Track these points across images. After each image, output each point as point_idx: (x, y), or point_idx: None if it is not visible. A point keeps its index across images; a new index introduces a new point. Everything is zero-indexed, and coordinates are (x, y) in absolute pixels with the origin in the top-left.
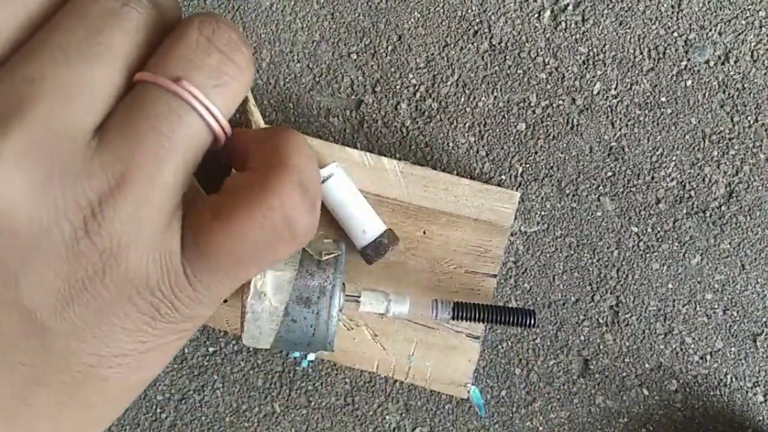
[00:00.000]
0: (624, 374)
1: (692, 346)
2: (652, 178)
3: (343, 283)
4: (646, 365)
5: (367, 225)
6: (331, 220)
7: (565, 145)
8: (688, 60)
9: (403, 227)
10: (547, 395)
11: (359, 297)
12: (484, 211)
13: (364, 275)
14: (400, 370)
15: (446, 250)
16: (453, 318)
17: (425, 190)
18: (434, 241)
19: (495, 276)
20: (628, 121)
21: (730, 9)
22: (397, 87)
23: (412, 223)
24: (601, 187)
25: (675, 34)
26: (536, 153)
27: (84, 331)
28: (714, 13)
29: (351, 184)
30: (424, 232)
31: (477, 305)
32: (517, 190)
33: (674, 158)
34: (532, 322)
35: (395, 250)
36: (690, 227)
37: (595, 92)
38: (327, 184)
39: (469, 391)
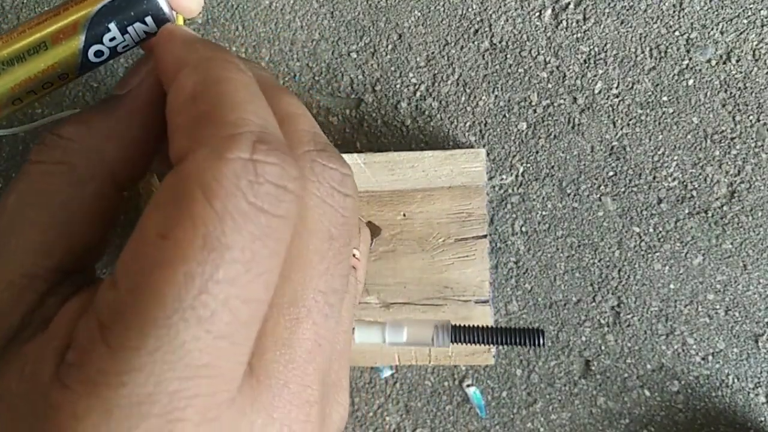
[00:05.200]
0: (625, 375)
1: (694, 346)
2: (654, 177)
3: None
4: (648, 366)
5: None
6: None
7: (566, 144)
8: (690, 59)
9: (382, 216)
10: (548, 396)
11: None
12: (456, 177)
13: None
14: (421, 354)
15: (430, 225)
16: (453, 341)
17: (392, 173)
18: (416, 220)
19: (485, 236)
20: (630, 120)
21: (731, 8)
22: (398, 86)
23: (389, 210)
24: (602, 187)
25: (676, 33)
26: (537, 152)
27: None
28: (716, 12)
29: None
30: (404, 215)
31: (479, 328)
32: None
33: (676, 158)
34: (541, 341)
35: (380, 240)
36: (692, 227)
37: (596, 91)
38: None
39: (493, 356)
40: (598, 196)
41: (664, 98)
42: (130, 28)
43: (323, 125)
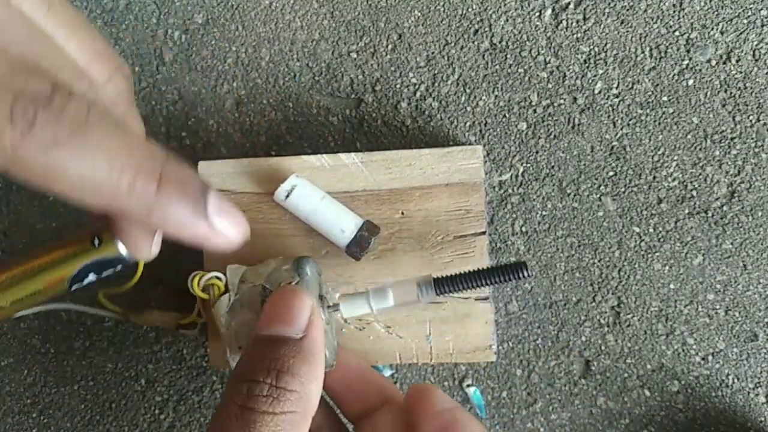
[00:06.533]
0: (625, 375)
1: (694, 346)
2: (654, 177)
3: (321, 296)
4: (648, 366)
5: (343, 224)
6: (309, 231)
7: (566, 144)
8: (690, 59)
9: (380, 215)
10: (548, 396)
11: (339, 306)
12: (453, 174)
13: (358, 272)
14: (422, 353)
15: (429, 223)
16: (438, 293)
17: (390, 172)
18: (414, 218)
19: (484, 233)
20: (630, 120)
21: (731, 8)
22: (398, 86)
23: (387, 208)
24: (602, 187)
25: (677, 33)
26: (537, 152)
27: None
28: (716, 12)
29: (316, 189)
30: (402, 213)
31: (462, 274)
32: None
33: (676, 158)
34: (525, 273)
35: (379, 239)
36: (692, 227)
37: (596, 91)
38: (292, 197)
39: (494, 353)
40: (598, 196)
41: (664, 98)
42: (104, 272)
43: (323, 125)
